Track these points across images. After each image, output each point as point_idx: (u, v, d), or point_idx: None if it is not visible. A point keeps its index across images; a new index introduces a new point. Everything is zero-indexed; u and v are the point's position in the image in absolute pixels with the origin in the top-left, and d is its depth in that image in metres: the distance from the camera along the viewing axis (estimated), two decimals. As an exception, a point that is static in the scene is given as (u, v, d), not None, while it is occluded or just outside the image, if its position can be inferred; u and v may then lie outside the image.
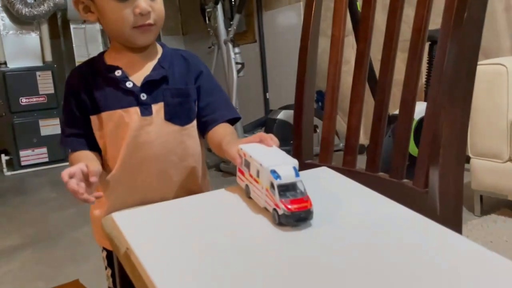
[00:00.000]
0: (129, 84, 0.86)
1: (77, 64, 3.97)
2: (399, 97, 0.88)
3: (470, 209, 2.02)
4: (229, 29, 3.19)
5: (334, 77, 0.99)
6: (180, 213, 0.69)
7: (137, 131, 0.85)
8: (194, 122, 0.91)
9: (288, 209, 0.61)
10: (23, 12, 3.72)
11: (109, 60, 0.89)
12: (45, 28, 3.97)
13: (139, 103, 0.86)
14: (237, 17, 3.22)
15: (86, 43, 4.03)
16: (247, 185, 0.72)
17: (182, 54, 0.96)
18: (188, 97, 0.91)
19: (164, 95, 0.88)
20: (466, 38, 0.75)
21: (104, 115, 0.86)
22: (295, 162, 0.66)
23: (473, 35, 0.75)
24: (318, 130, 2.75)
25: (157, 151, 0.86)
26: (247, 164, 0.71)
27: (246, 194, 0.72)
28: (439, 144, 0.68)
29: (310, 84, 1.06)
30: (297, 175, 0.64)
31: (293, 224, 0.62)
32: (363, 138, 3.09)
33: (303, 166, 0.85)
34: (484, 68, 1.77)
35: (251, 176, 0.70)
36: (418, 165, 0.76)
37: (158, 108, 0.87)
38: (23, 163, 3.81)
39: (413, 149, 2.22)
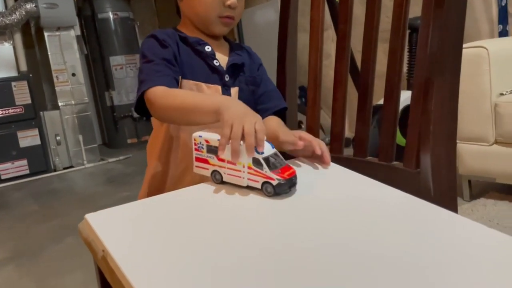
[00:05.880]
0: (216, 63, 0.90)
1: (54, 73, 3.89)
2: (381, 88, 0.86)
3: (459, 194, 2.00)
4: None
5: (315, 67, 0.96)
6: (157, 211, 0.65)
7: None
8: None
9: (283, 177, 0.65)
10: (-5, 21, 3.62)
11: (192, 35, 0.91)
12: (18, 37, 3.87)
13: (223, 83, 0.90)
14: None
15: (61, 50, 3.94)
16: (215, 171, 0.71)
17: (243, 46, 1.02)
18: (258, 87, 0.97)
19: (240, 81, 0.93)
20: (449, 12, 0.72)
21: (188, 82, 0.87)
22: None
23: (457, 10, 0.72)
24: (303, 126, 2.73)
25: None
26: (213, 150, 0.70)
27: (216, 181, 0.71)
28: (429, 122, 0.65)
29: (291, 79, 1.03)
30: (272, 146, 0.69)
31: (287, 191, 0.65)
32: (348, 132, 3.08)
33: (287, 158, 0.82)
34: (465, 52, 1.76)
35: (220, 160, 0.69)
36: (408, 145, 0.73)
37: (234, 92, 0.92)
38: (3, 177, 3.70)
39: (399, 139, 2.22)
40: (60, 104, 3.94)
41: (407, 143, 0.73)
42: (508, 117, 1.76)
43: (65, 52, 3.96)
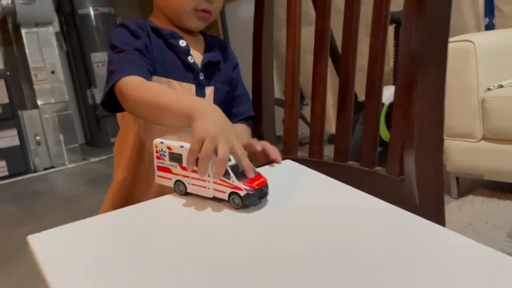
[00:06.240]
0: (190, 59, 0.82)
1: (32, 71, 3.77)
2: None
3: (447, 192, 1.96)
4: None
5: (293, 62, 0.89)
6: (111, 229, 0.57)
7: None
8: None
9: (252, 187, 0.58)
10: (-31, 18, 3.49)
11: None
12: (-6, 34, 3.74)
13: (197, 82, 0.82)
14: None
15: (40, 47, 3.82)
16: (178, 181, 0.64)
17: (221, 41, 0.94)
18: (232, 87, 0.90)
19: (216, 80, 0.86)
20: (434, 5, 0.66)
21: (159, 80, 0.79)
22: None
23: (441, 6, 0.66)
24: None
25: None
26: (176, 158, 0.63)
27: (180, 192, 0.64)
28: (413, 125, 0.59)
29: (267, 73, 0.96)
30: None
31: (256, 202, 0.59)
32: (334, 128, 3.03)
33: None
34: (451, 46, 1.70)
35: (184, 169, 0.62)
36: (390, 150, 0.67)
37: (209, 92, 0.84)
38: (-19, 179, 3.59)
39: (385, 134, 2.16)
40: (39, 103, 3.82)
41: (390, 147, 0.67)
42: (496, 112, 1.71)
43: (43, 49, 3.84)
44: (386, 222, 0.54)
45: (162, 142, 0.65)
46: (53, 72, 3.88)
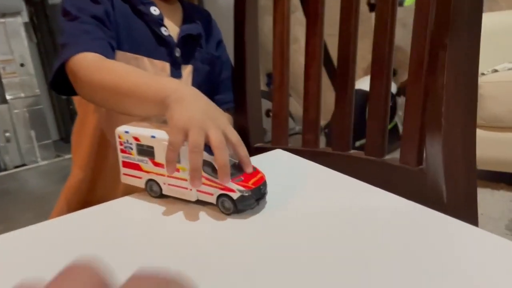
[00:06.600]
0: (164, 31, 0.68)
1: (0, 64, 3.57)
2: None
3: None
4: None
5: (281, 41, 0.77)
6: (61, 236, 0.45)
7: None
8: None
9: (248, 186, 0.46)
10: None
11: None
12: (-42, 25, 3.53)
13: (172, 59, 0.69)
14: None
15: (7, 39, 3.62)
16: (150, 181, 0.51)
17: (202, 11, 0.80)
18: (215, 67, 0.77)
19: (195, 58, 0.72)
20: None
21: (124, 55, 0.64)
22: None
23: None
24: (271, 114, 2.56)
25: None
26: (146, 151, 0.50)
27: (153, 194, 0.52)
28: (439, 101, 0.48)
29: (252, 60, 0.83)
30: None
31: (253, 205, 0.47)
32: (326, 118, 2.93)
33: (251, 152, 0.64)
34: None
35: (158, 165, 0.50)
36: (405, 135, 0.56)
37: (187, 72, 0.71)
38: None
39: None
40: (8, 97, 3.63)
41: (404, 132, 0.56)
42: (490, 99, 1.63)
43: (11, 41, 3.64)
44: (408, 223, 0.43)
45: (127, 132, 0.52)
46: (22, 65, 3.70)
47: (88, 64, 0.58)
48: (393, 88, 2.36)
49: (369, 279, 0.34)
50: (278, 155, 0.64)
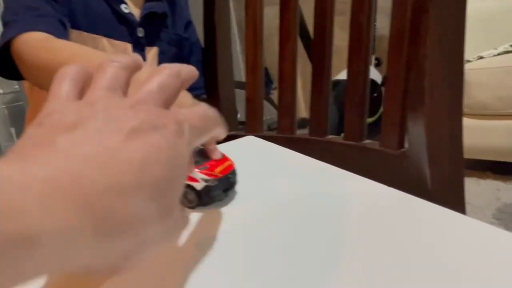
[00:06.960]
0: (125, 8, 0.62)
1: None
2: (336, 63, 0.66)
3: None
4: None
5: (254, 15, 0.72)
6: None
7: None
8: None
9: (214, 175, 0.40)
10: None
11: None
12: None
13: (134, 39, 0.63)
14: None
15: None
16: None
17: None
18: (183, 49, 0.71)
19: (161, 39, 0.66)
20: None
21: (80, 35, 0.57)
22: None
23: None
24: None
25: None
26: None
27: None
28: (422, 76, 0.43)
29: (224, 46, 0.77)
30: None
31: (221, 197, 0.41)
32: (304, 112, 2.87)
33: (223, 139, 0.59)
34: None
35: None
36: (385, 116, 0.51)
37: (152, 55, 0.64)
38: None
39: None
40: (-15, 93, 3.52)
41: (384, 113, 0.51)
42: (477, 85, 1.60)
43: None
44: (389, 211, 0.38)
45: None
46: None
47: (34, 44, 0.52)
48: (379, 78, 2.32)
49: (348, 270, 0.30)
50: (249, 141, 0.59)
